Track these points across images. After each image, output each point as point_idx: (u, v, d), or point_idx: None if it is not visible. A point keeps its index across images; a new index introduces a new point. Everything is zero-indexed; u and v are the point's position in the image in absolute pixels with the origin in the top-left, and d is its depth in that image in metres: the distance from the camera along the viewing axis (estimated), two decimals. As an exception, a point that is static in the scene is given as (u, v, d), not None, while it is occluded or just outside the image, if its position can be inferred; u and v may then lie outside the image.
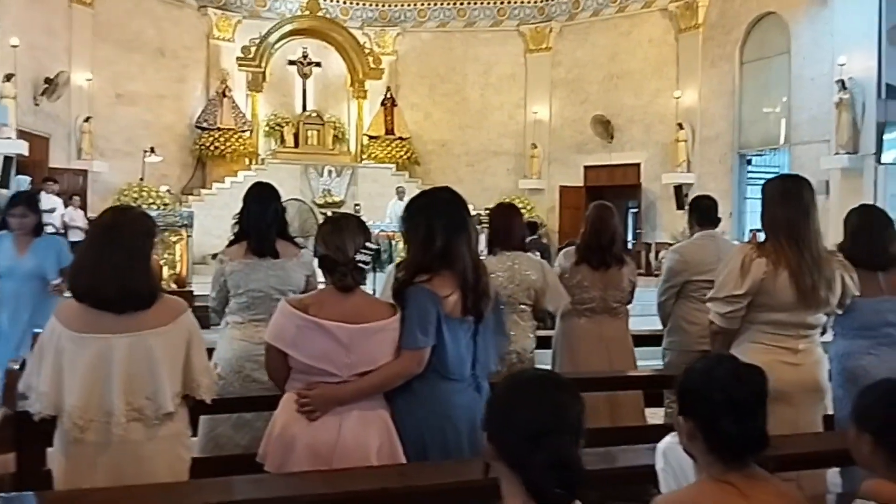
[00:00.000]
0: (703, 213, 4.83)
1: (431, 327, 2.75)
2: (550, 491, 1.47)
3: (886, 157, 11.97)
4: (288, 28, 17.98)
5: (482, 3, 19.05)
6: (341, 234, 2.77)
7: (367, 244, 2.78)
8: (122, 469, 2.51)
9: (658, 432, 4.10)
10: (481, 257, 4.03)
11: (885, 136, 11.98)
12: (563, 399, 1.57)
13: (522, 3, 18.81)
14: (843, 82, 12.19)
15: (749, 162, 15.47)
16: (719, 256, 4.20)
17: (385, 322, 2.73)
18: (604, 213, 4.64)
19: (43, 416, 2.51)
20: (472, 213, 3.07)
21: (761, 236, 3.48)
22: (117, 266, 2.53)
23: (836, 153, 12.37)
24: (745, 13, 15.12)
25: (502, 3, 18.94)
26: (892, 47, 11.91)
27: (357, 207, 15.95)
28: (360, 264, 2.74)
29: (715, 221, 4.84)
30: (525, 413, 1.54)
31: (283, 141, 18.20)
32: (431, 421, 2.77)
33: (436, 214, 2.86)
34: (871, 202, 7.07)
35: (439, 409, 2.77)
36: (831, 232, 3.84)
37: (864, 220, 3.73)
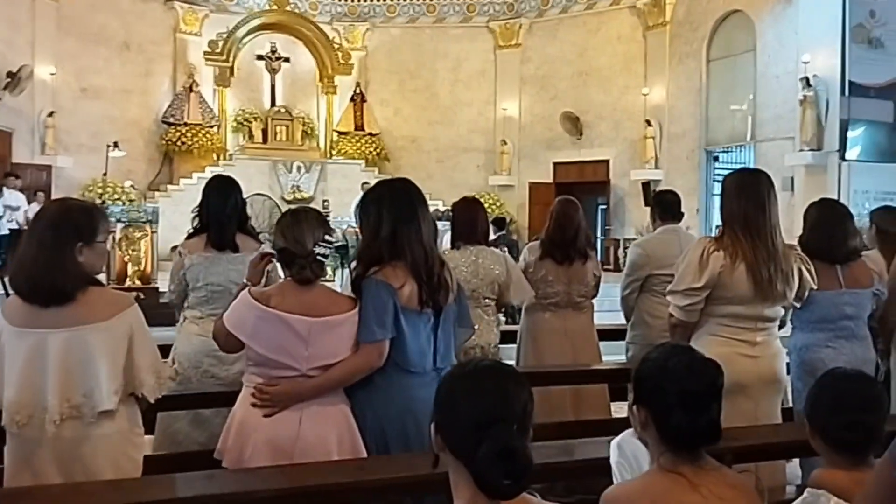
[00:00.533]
0: (665, 207, 4.85)
1: (388, 318, 2.73)
2: (497, 482, 1.45)
3: (850, 153, 12.13)
4: (256, 22, 17.83)
5: (452, 0, 19.01)
6: (300, 226, 2.75)
7: (327, 237, 2.76)
8: (62, 466, 2.45)
9: (622, 425, 4.13)
10: (444, 251, 4.03)
11: (849, 133, 12.14)
12: (510, 388, 1.55)
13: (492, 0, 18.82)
14: (807, 80, 12.32)
15: (716, 159, 15.59)
16: (682, 250, 4.21)
17: (345, 315, 2.72)
18: (568, 207, 4.65)
19: None
20: (442, 208, 3.06)
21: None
22: (31, 259, 2.48)
23: (801, 150, 12.50)
24: (712, 11, 15.23)
25: (472, -1, 18.92)
26: (855, 45, 12.06)
27: (326, 203, 15.87)
28: (319, 257, 2.72)
29: (678, 216, 4.86)
30: (470, 402, 1.52)
31: (251, 136, 18.03)
32: (392, 414, 2.76)
33: (386, 204, 2.84)
34: (834, 197, 7.14)
35: (400, 403, 2.75)
36: (797, 227, 3.86)
37: (822, 214, 3.77)
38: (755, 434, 3.04)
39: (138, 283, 9.85)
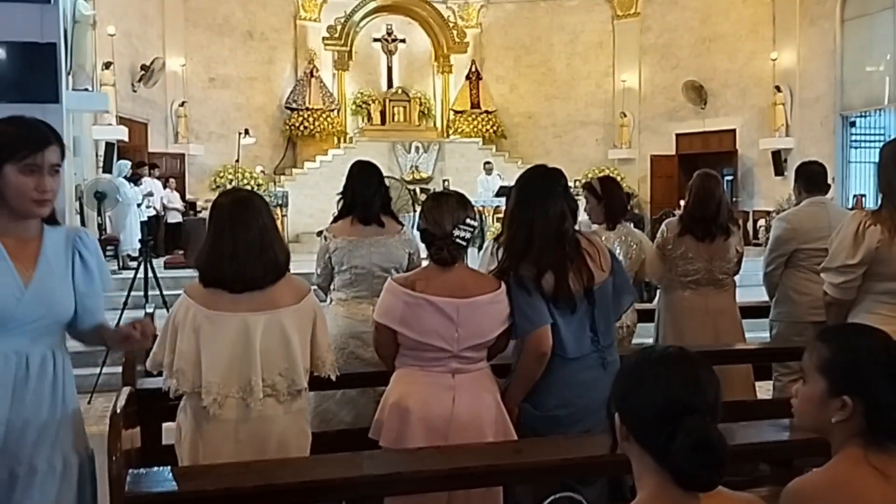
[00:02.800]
0: (810, 178, 4.62)
1: (541, 306, 2.75)
2: (696, 474, 1.42)
3: None
4: (372, 6, 18.05)
5: (567, -29, 18.68)
6: (440, 208, 2.79)
7: (468, 220, 2.79)
8: (258, 443, 2.59)
9: (768, 407, 3.99)
10: (594, 229, 4.01)
11: None
12: (701, 375, 1.51)
13: (609, -32, 18.35)
14: (955, 36, 11.48)
15: (853, 124, 14.74)
16: (830, 224, 4.03)
17: (491, 295, 2.76)
18: (708, 182, 4.50)
19: (179, 393, 2.59)
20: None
21: (866, 202, 3.32)
22: (258, 245, 2.60)
23: (949, 111, 11.69)
24: (846, -33, 14.37)
25: (588, -31, 18.51)
26: None
27: (445, 183, 15.97)
28: (458, 240, 2.75)
29: (824, 188, 4.62)
30: (662, 391, 1.48)
31: (370, 118, 18.33)
32: (559, 403, 2.81)
33: (534, 198, 2.85)
34: None
35: (565, 392, 2.81)
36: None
37: None
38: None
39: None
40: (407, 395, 2.72)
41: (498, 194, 12.96)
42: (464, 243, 2.78)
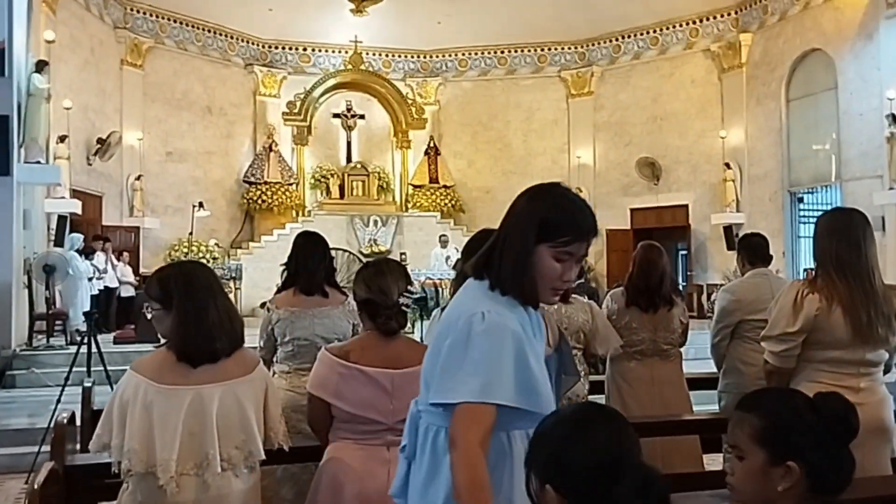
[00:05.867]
0: (753, 250, 4.70)
1: None
2: None
3: (945, 190, 11.66)
4: (332, 82, 18.36)
5: (523, 51, 19.21)
6: (385, 277, 2.76)
7: (409, 288, 2.77)
8: None
9: (717, 478, 3.95)
10: None
11: (941, 169, 11.67)
12: (619, 421, 1.52)
13: (563, 49, 18.92)
14: (893, 116, 11.96)
15: (801, 200, 15.18)
16: (773, 295, 4.07)
17: None
18: (651, 253, 4.54)
19: (131, 474, 2.45)
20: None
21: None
22: (227, 316, 2.57)
23: (891, 188, 12.07)
24: (789, 51, 15.00)
25: (542, 50, 19.07)
26: (943, 78, 11.67)
27: (403, 256, 16.01)
28: (404, 307, 2.72)
29: (767, 259, 4.70)
30: (590, 445, 1.46)
31: (328, 192, 18.44)
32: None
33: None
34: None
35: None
36: (889, 268, 3.69)
37: None
38: (865, 486, 2.85)
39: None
40: (341, 470, 2.65)
41: (454, 267, 12.96)
42: (407, 311, 2.75)
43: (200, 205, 15.37)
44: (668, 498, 1.41)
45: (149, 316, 2.64)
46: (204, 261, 13.69)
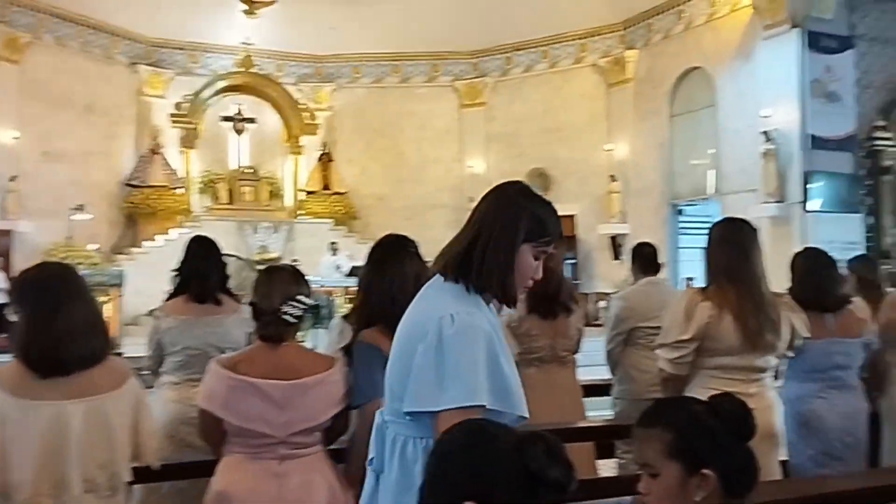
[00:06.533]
0: (645, 259, 4.84)
1: (381, 377, 2.65)
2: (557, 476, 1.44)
3: (811, 204, 12.35)
4: (221, 84, 17.88)
5: (416, 60, 19.26)
6: (270, 282, 2.67)
7: (300, 297, 2.65)
8: None
9: (611, 485, 4.02)
10: None
11: (810, 185, 12.37)
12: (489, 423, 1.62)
13: (456, 59, 19.08)
14: (767, 133, 12.59)
15: (681, 212, 15.79)
16: (663, 302, 4.20)
17: (323, 375, 2.61)
18: (548, 260, 4.59)
19: None
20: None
21: (695, 284, 3.49)
22: (82, 324, 2.38)
23: (765, 202, 12.70)
24: (672, 68, 15.60)
25: (436, 59, 19.19)
26: (813, 99, 12.37)
27: (296, 262, 15.71)
28: (286, 316, 2.60)
29: (657, 267, 4.86)
30: (508, 455, 1.45)
31: (217, 197, 17.95)
32: None
33: (389, 260, 2.79)
34: (818, 246, 7.21)
35: None
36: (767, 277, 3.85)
37: (809, 263, 3.77)
38: (760, 492, 2.94)
39: (103, 348, 9.58)
40: (231, 484, 2.54)
41: (351, 274, 12.87)
42: (293, 320, 2.63)
43: (80, 207, 14.65)
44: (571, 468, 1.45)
45: (12, 321, 2.45)
46: (82, 267, 13.05)
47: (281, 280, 2.68)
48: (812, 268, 3.73)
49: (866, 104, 12.90)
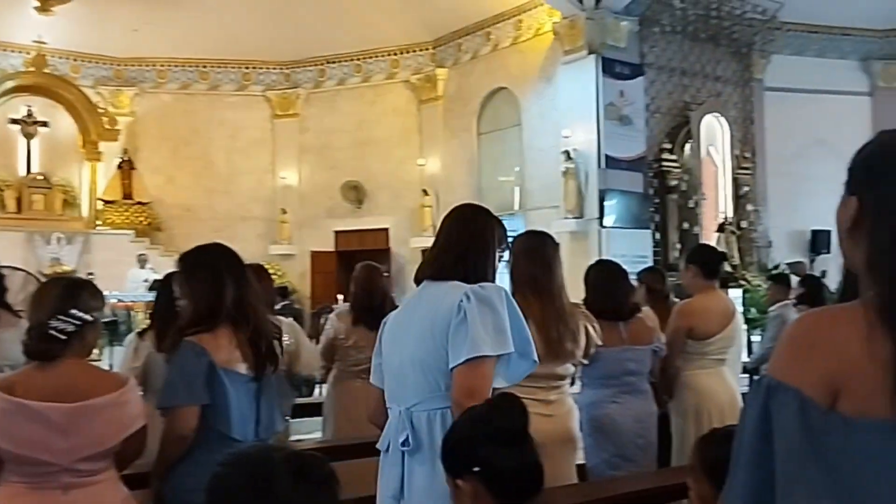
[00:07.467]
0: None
1: (198, 382, 2.53)
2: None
3: (607, 220, 13.17)
4: (10, 84, 16.52)
5: (226, 67, 18.72)
6: (40, 294, 2.49)
7: (73, 311, 2.43)
8: None
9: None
10: None
11: (606, 203, 13.19)
12: None
13: (268, 69, 18.74)
14: (567, 153, 13.30)
15: (490, 226, 16.29)
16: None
17: (112, 396, 2.42)
18: (371, 272, 4.63)
19: None
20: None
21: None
22: None
23: (565, 218, 13.39)
24: (480, 87, 16.14)
25: (248, 68, 18.74)
26: (608, 122, 13.23)
27: (91, 276, 14.76)
28: (53, 332, 2.39)
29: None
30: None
31: (4, 206, 16.52)
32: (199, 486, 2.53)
33: (225, 266, 2.70)
34: (609, 258, 7.68)
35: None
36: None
37: (601, 274, 4.01)
38: (557, 496, 3.07)
39: None
40: None
41: (151, 288, 12.25)
42: (63, 337, 2.40)
43: None
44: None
45: None
46: None
47: (52, 293, 2.48)
48: (604, 278, 3.98)
49: (654, 128, 13.97)
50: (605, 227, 13.13)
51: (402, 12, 16.39)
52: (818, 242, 14.72)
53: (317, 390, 5.84)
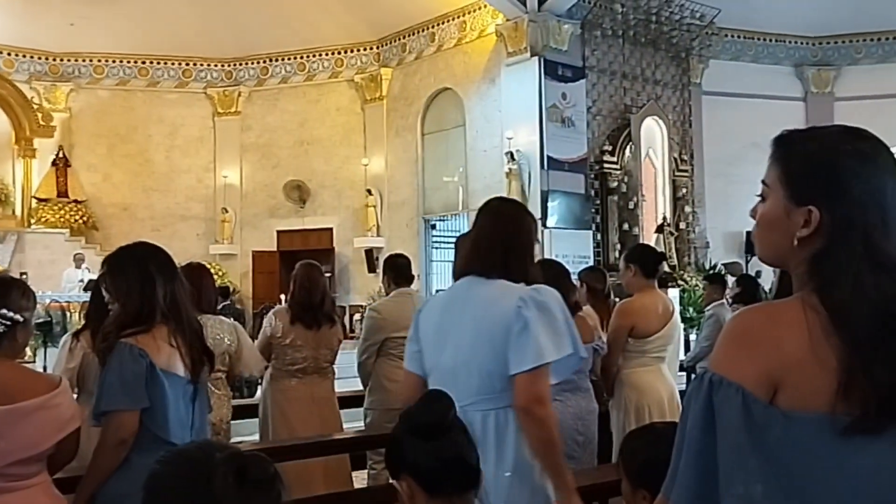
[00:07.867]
0: (398, 271, 4.97)
1: (138, 386, 2.48)
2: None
3: (550, 221, 13.32)
4: (-63, 77, 16.00)
5: (166, 64, 18.38)
6: None
7: (3, 312, 2.36)
8: None
9: (366, 496, 4.08)
10: None
11: (549, 203, 13.34)
12: None
13: (209, 66, 18.45)
14: (511, 154, 13.41)
15: (434, 227, 16.37)
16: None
17: (42, 399, 2.34)
18: (312, 271, 4.61)
19: None
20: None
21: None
22: None
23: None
24: (424, 88, 16.16)
25: (188, 64, 18.43)
26: (551, 124, 13.38)
27: (24, 276, 14.35)
28: None
29: (410, 279, 5.00)
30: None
31: (-71, 204, 15.98)
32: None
33: (154, 265, 2.64)
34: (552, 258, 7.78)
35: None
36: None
37: (546, 273, 4.05)
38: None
39: None
40: None
41: (86, 288, 11.97)
42: None
43: None
44: None
45: None
46: None
47: None
48: (548, 278, 4.02)
49: (596, 130, 14.19)
50: (547, 227, 13.26)
51: (347, 11, 16.32)
52: (753, 244, 15.12)
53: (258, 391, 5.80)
